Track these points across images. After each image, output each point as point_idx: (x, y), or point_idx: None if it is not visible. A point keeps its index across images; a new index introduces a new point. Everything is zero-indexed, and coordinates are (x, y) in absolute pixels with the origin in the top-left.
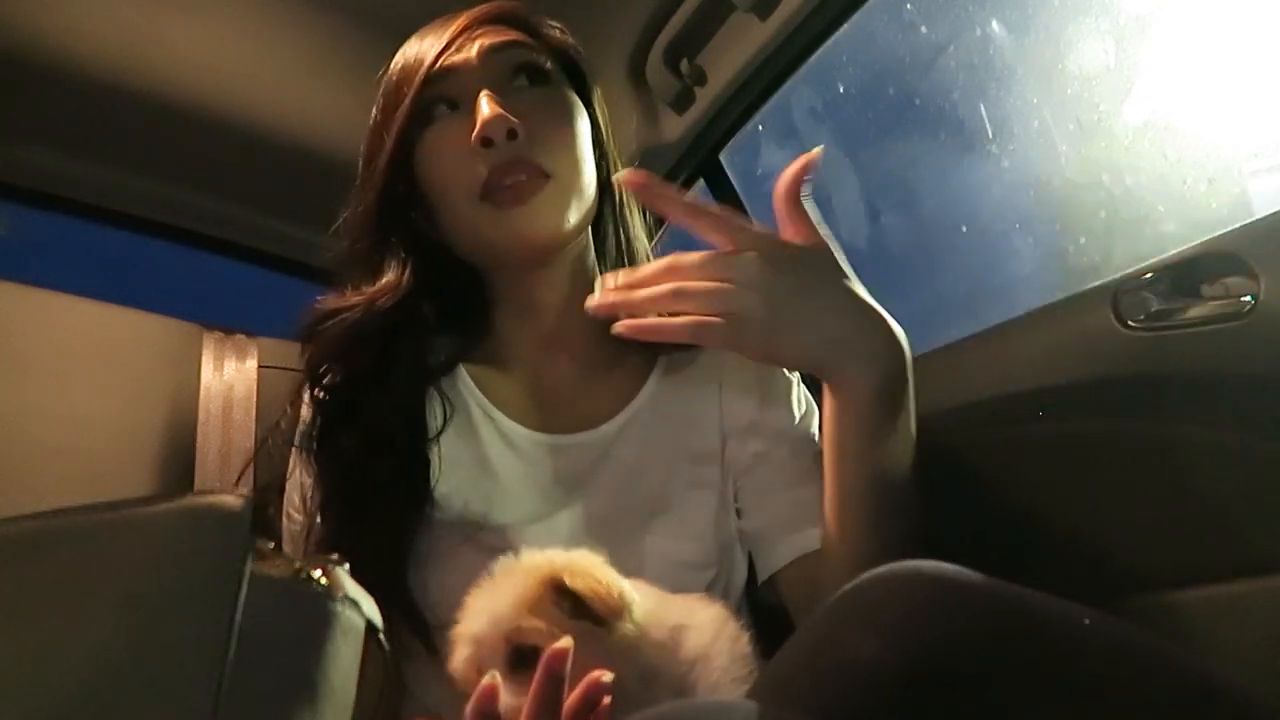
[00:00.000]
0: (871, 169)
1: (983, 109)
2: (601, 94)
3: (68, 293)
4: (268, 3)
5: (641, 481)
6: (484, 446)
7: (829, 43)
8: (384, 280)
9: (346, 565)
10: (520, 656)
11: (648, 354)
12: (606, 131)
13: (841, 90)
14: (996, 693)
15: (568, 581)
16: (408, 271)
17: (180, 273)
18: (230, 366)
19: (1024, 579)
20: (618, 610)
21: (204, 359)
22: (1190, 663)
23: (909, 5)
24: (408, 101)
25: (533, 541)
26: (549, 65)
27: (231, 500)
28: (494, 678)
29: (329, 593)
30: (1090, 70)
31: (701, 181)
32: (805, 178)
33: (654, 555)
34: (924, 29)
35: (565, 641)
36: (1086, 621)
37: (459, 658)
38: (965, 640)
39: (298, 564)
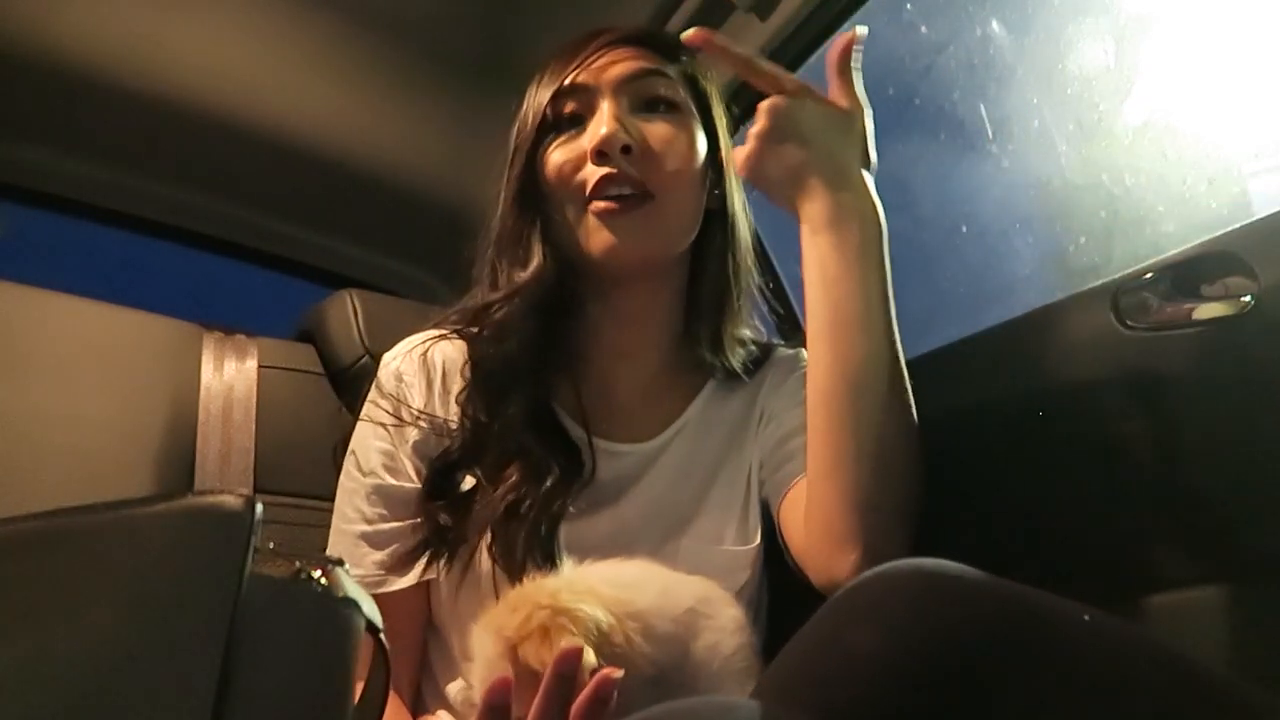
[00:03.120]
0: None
1: (983, 109)
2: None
3: (68, 293)
4: (268, 3)
5: (681, 489)
6: None
7: (829, 43)
8: (531, 268)
9: (347, 566)
10: None
11: (703, 370)
12: (726, 154)
13: None
14: (998, 690)
15: (519, 654)
16: (549, 260)
17: (180, 273)
18: (230, 366)
19: (1025, 577)
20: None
21: (204, 359)
22: (1190, 662)
23: (909, 5)
24: (539, 111)
25: (572, 539)
26: (679, 96)
27: (231, 500)
28: (506, 673)
29: (329, 593)
30: (1090, 70)
31: None
32: (855, 48)
33: (687, 561)
34: (924, 29)
35: (573, 642)
36: (1087, 619)
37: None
38: (967, 637)
39: (298, 564)
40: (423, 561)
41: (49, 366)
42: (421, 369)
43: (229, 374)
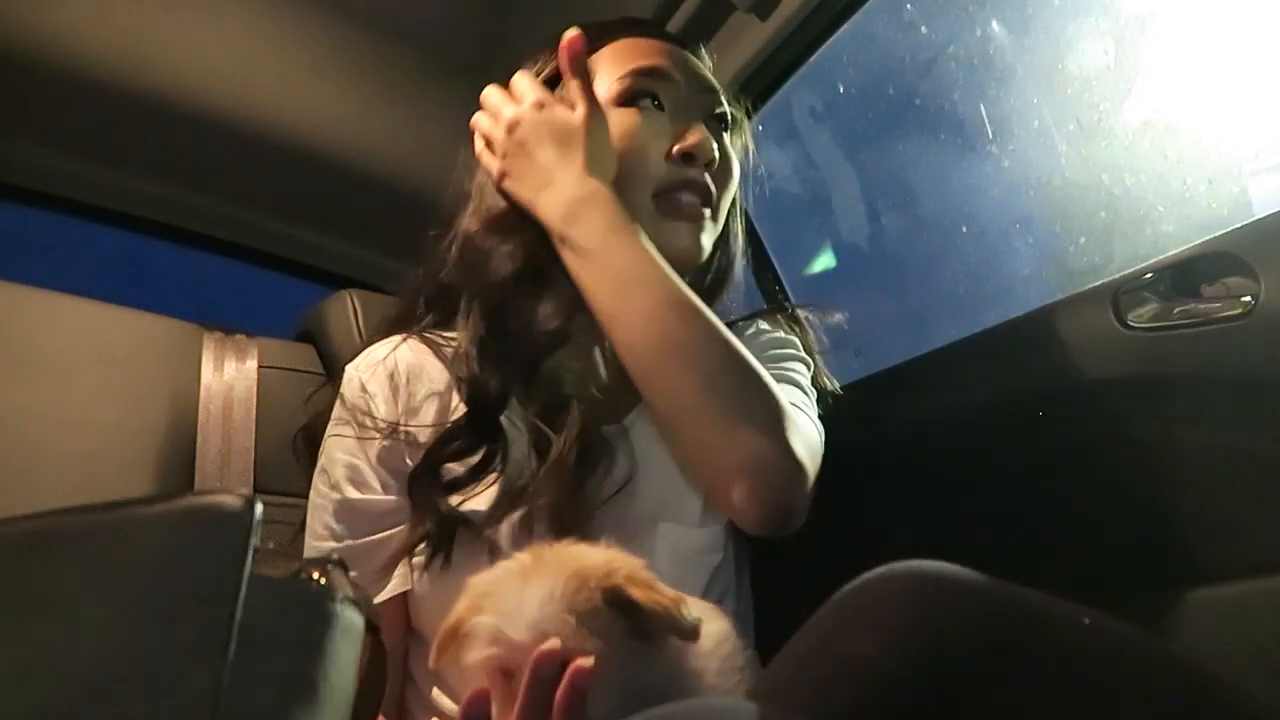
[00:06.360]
0: (871, 169)
1: (983, 109)
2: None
3: (68, 293)
4: (268, 3)
5: (652, 470)
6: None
7: (829, 43)
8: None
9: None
10: None
11: None
12: (748, 166)
13: (841, 90)
14: (996, 692)
15: (628, 592)
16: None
17: (180, 273)
18: (230, 366)
19: (1024, 579)
20: (681, 628)
21: (204, 359)
22: (1190, 662)
23: (909, 5)
24: (623, 78)
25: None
26: (736, 116)
27: (231, 500)
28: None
29: (329, 593)
30: (1090, 70)
31: None
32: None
33: (661, 541)
34: (924, 29)
35: (552, 643)
36: (1086, 621)
37: (481, 654)
38: (965, 640)
39: (297, 564)
40: (398, 574)
41: (49, 367)
42: (386, 377)
43: (229, 374)
